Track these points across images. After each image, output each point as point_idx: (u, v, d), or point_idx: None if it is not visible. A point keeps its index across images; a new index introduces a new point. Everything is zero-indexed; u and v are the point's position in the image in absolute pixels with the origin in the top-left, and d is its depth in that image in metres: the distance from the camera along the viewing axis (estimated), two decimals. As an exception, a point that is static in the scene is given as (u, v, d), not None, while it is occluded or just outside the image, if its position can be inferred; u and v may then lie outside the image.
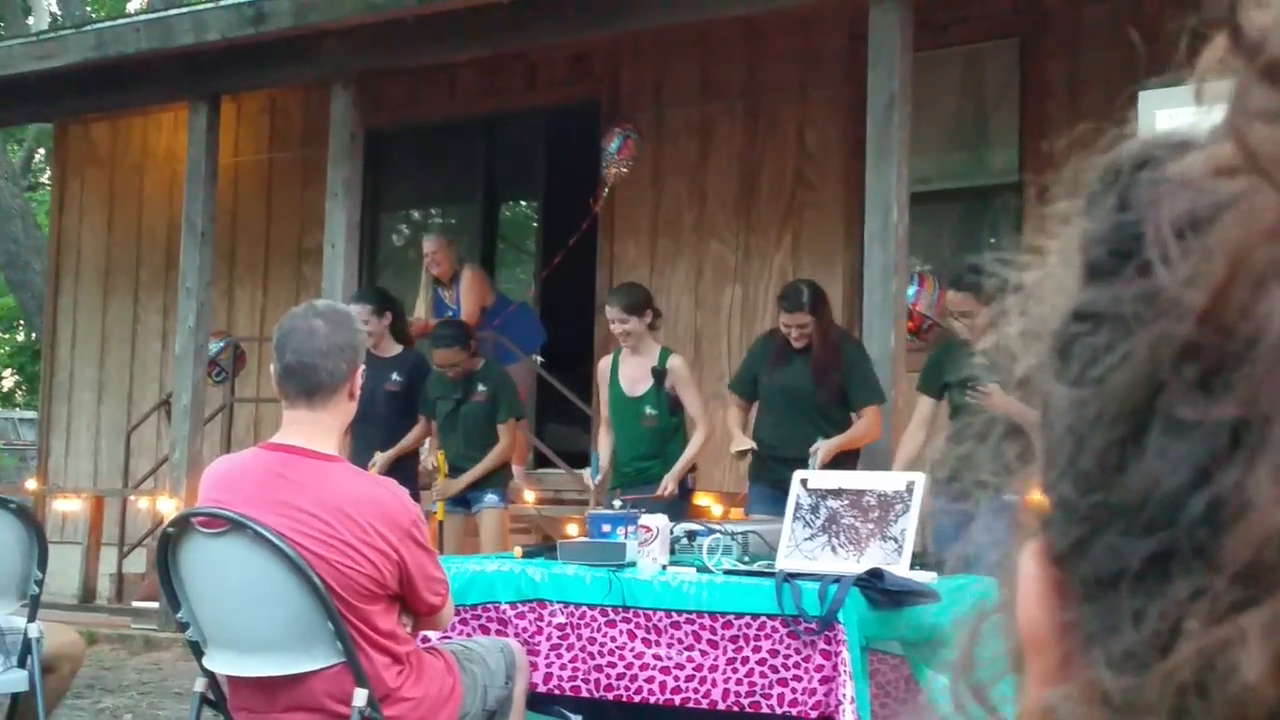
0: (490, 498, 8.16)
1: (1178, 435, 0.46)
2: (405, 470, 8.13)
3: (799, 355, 7.00)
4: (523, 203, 13.02)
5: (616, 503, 6.47)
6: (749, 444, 6.93)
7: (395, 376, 8.34)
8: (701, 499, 8.49)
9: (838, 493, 5.22)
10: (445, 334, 8.15)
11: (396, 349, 8.48)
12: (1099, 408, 0.48)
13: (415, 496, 8.01)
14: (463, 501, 8.17)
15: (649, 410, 7.37)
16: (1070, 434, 0.49)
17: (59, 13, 21.86)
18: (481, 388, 8.13)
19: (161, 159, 12.30)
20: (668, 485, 7.17)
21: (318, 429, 3.77)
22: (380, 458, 8.08)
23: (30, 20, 23.52)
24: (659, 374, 7.28)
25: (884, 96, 7.30)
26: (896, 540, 5.03)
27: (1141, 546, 0.46)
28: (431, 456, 8.56)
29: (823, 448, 6.62)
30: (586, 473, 7.40)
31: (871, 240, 7.31)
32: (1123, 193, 0.51)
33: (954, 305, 6.67)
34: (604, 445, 7.50)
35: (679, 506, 7.09)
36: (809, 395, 6.94)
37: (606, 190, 9.92)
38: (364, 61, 9.18)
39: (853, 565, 4.93)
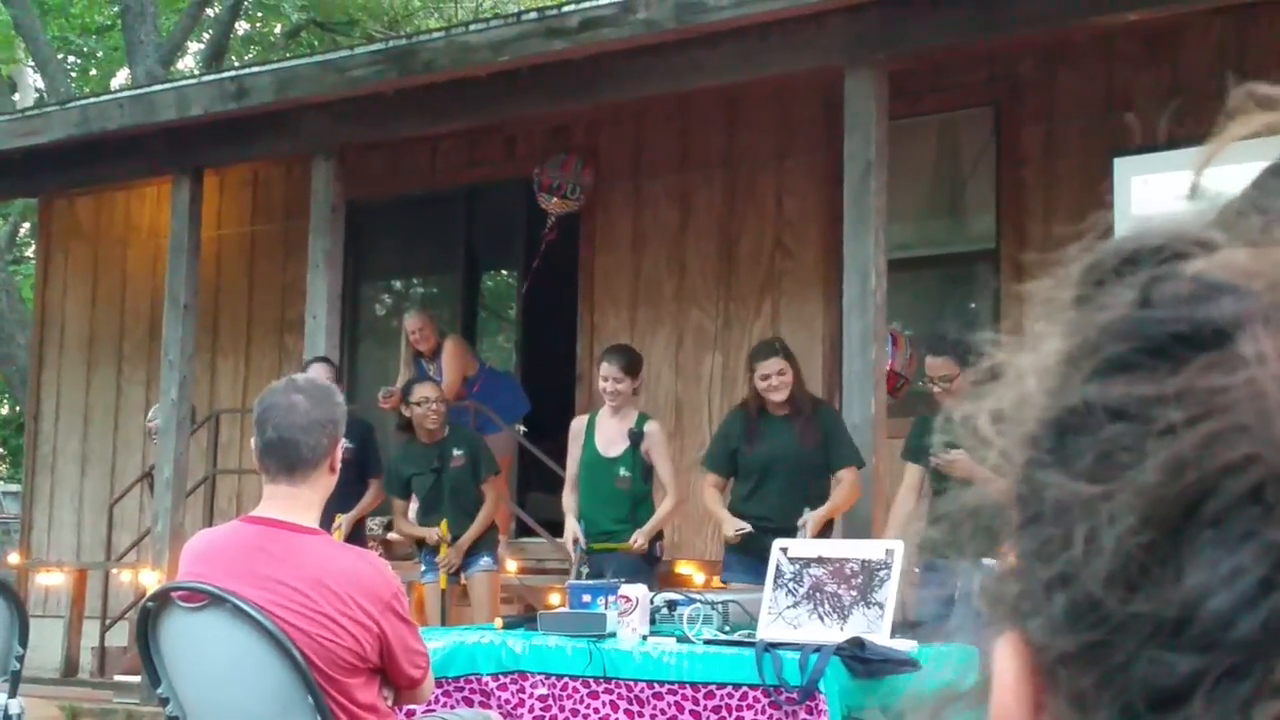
0: (484, 560, 8.14)
1: (1228, 548, 0.44)
2: (358, 535, 8.23)
3: (777, 422, 6.99)
4: (504, 272, 13.06)
5: (584, 569, 6.49)
6: (745, 526, 6.85)
7: (346, 443, 8.35)
8: (683, 567, 8.50)
9: (820, 560, 5.24)
10: (419, 377, 8.31)
11: None
12: (1126, 506, 0.46)
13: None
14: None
15: (623, 472, 7.36)
16: (1088, 530, 0.47)
17: (44, 89, 21.96)
18: (457, 452, 8.15)
19: (145, 233, 12.34)
20: (638, 539, 7.15)
21: (298, 503, 3.79)
22: (343, 520, 8.07)
23: (16, 96, 23.63)
24: (636, 436, 7.30)
25: (860, 164, 7.37)
26: (880, 606, 5.05)
27: (1182, 664, 0.44)
28: (384, 529, 8.63)
29: (811, 519, 6.59)
30: (568, 539, 7.38)
31: (850, 307, 7.36)
32: (1147, 287, 0.49)
33: (932, 370, 6.75)
34: (570, 503, 7.50)
35: (646, 571, 7.07)
36: (795, 459, 6.91)
37: (550, 221, 9.98)
38: (344, 134, 9.25)
39: (835, 633, 4.94)
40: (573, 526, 7.29)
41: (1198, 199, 0.53)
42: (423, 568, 8.21)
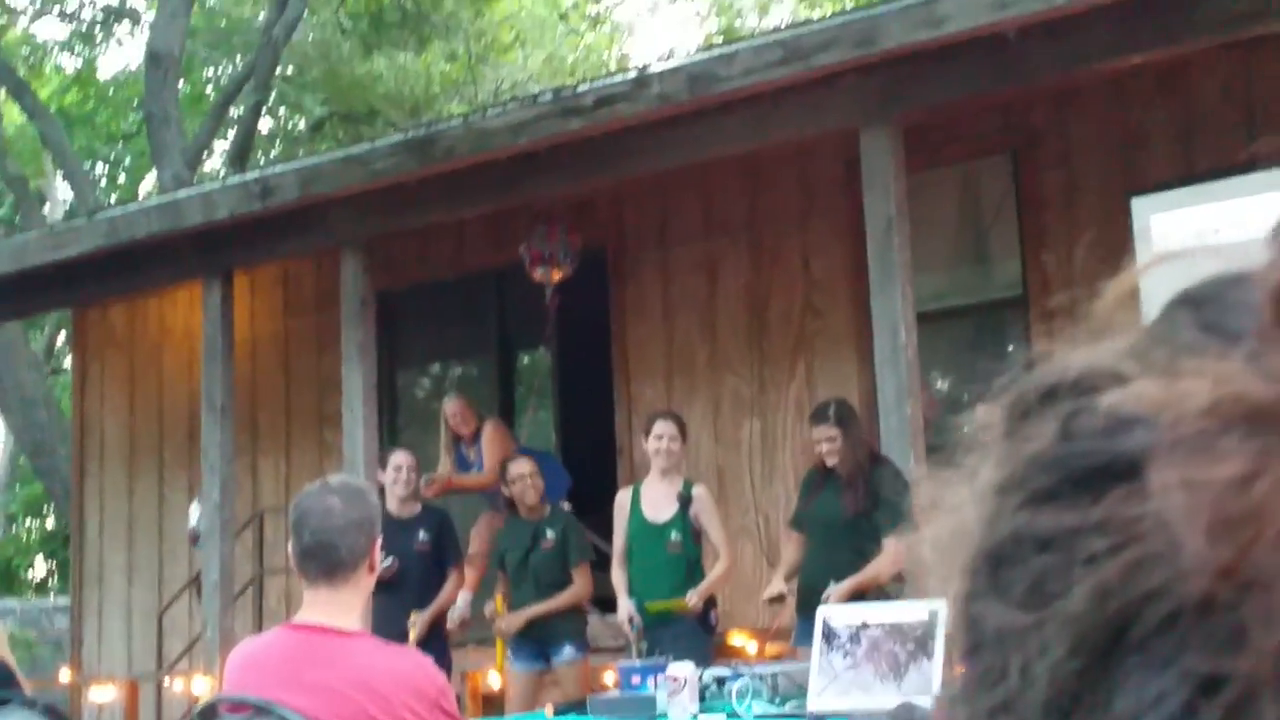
0: (568, 650, 8.01)
1: (1152, 673, 0.45)
2: (436, 631, 8.15)
3: (835, 482, 7.02)
4: (538, 350, 13.12)
5: (643, 644, 6.48)
6: (780, 589, 6.89)
7: (423, 535, 8.37)
8: (736, 637, 8.45)
9: (879, 624, 5.21)
10: (514, 455, 8.67)
11: (418, 507, 8.53)
12: (1055, 635, 0.47)
13: (445, 652, 8.01)
14: (540, 656, 8.08)
15: (674, 536, 7.38)
16: (1021, 658, 0.48)
17: (72, 199, 22.21)
18: (550, 533, 8.10)
19: (179, 336, 12.43)
20: (692, 597, 7.16)
21: (339, 606, 3.79)
22: (419, 618, 8.02)
23: (46, 208, 23.91)
24: (685, 500, 7.31)
25: (882, 220, 7.37)
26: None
27: None
28: (467, 609, 8.58)
29: (834, 594, 6.56)
30: (623, 617, 7.36)
31: (882, 363, 7.34)
32: (1066, 420, 0.50)
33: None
34: (620, 580, 7.49)
35: (703, 640, 7.08)
36: (834, 522, 6.92)
37: (549, 292, 10.01)
38: (371, 226, 9.31)
39: (889, 697, 4.90)
40: (627, 606, 7.29)
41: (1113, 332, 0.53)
42: (511, 655, 8.17)
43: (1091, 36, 6.77)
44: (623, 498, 7.75)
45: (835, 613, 5.28)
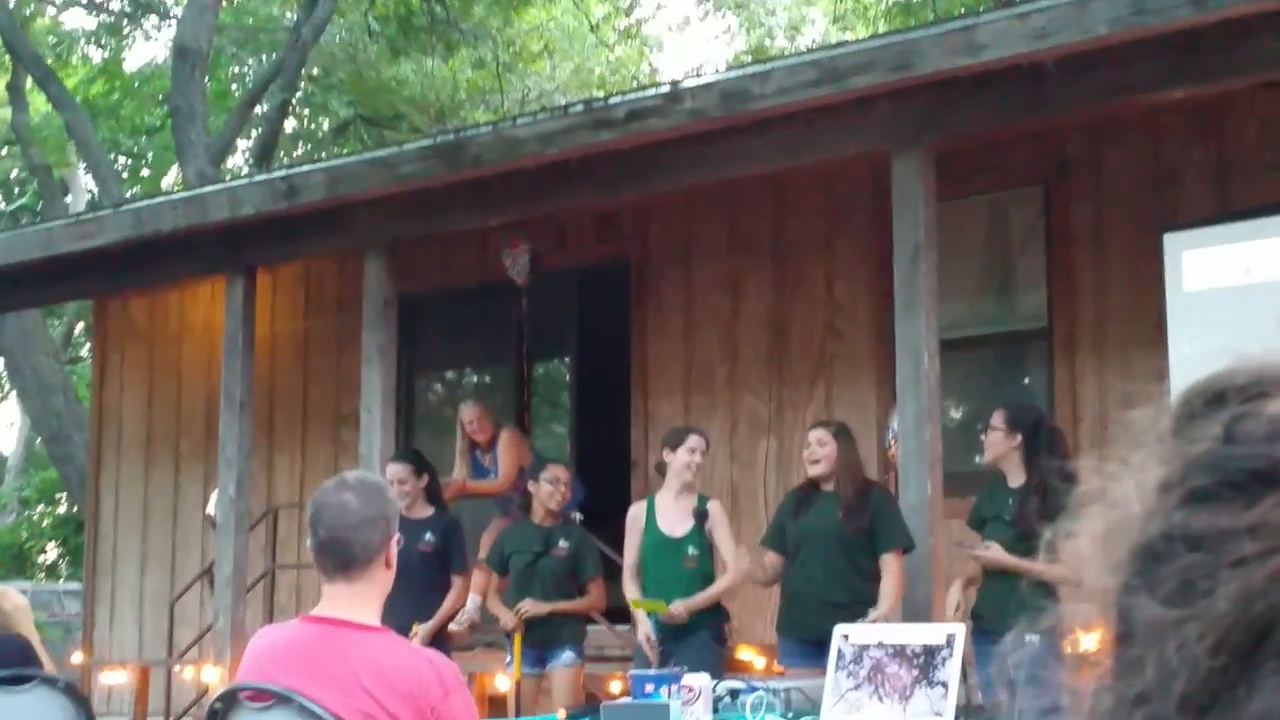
0: (567, 655, 8.00)
1: None
2: (439, 637, 8.13)
3: (825, 499, 7.09)
4: (556, 360, 13.13)
5: (663, 659, 6.49)
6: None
7: (429, 537, 8.35)
8: (744, 652, 8.46)
9: (879, 644, 5.21)
10: (547, 459, 8.68)
11: (429, 510, 8.51)
12: (1199, 633, 0.48)
13: (447, 656, 8.00)
14: (538, 660, 8.08)
15: (691, 550, 7.42)
16: (1165, 653, 0.49)
17: (96, 191, 22.28)
18: (563, 543, 8.08)
19: (199, 331, 12.46)
20: (677, 607, 7.19)
21: (356, 600, 3.80)
22: (422, 630, 7.99)
23: (69, 199, 23.98)
24: (701, 515, 7.32)
25: (909, 246, 7.37)
26: (943, 686, 5.01)
27: None
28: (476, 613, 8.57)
29: (878, 616, 6.63)
30: (641, 638, 7.36)
31: (904, 389, 7.35)
32: (1231, 424, 0.51)
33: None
34: (633, 594, 7.51)
35: (715, 654, 7.13)
36: (834, 535, 6.99)
37: (521, 293, 10.06)
38: (395, 230, 9.32)
39: (898, 717, 4.90)
40: (645, 626, 7.30)
41: None
42: (508, 658, 8.16)
43: (1130, 70, 6.78)
44: (636, 511, 7.77)
45: (856, 632, 5.29)
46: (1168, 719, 0.48)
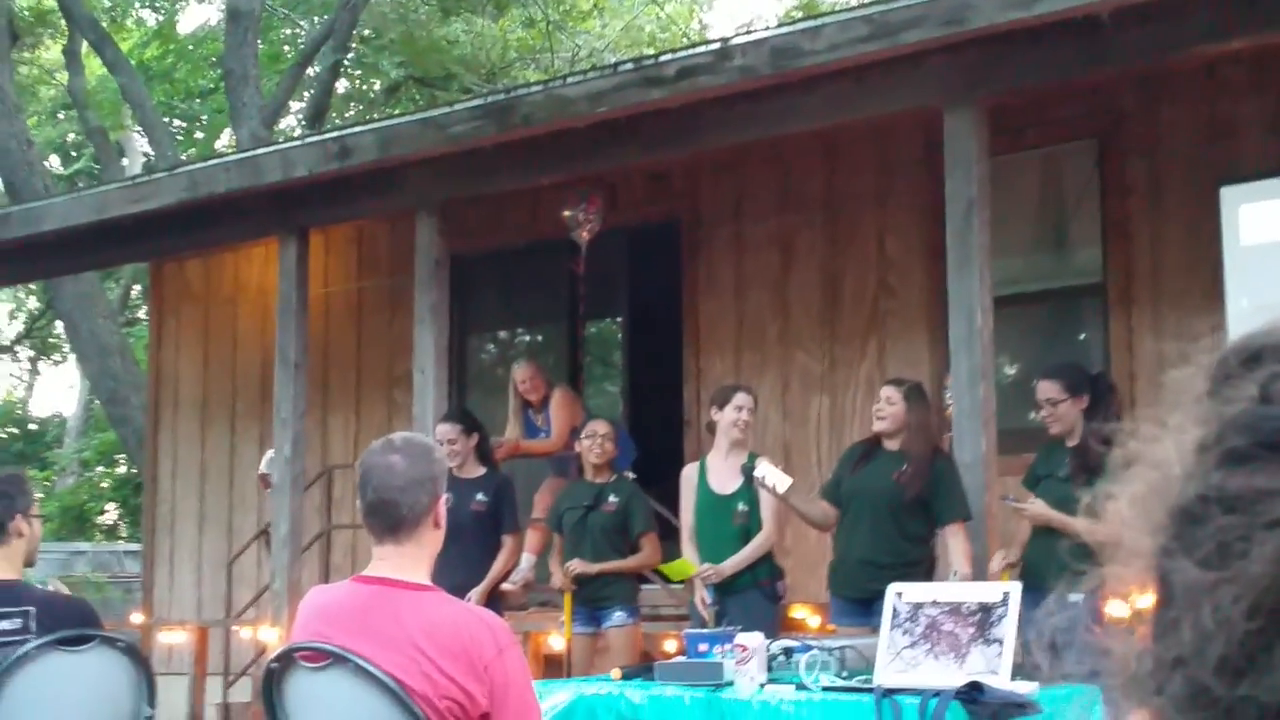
0: (618, 614, 8.02)
1: None
2: (491, 597, 8.15)
3: (885, 457, 7.03)
4: (608, 320, 13.13)
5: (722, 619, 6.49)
6: (787, 480, 6.93)
7: (480, 496, 8.37)
8: (798, 611, 8.46)
9: (934, 602, 5.21)
10: (588, 417, 8.75)
11: (481, 470, 8.52)
12: (1235, 595, 0.48)
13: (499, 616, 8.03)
14: (591, 619, 8.11)
15: (741, 507, 7.40)
16: (1201, 616, 0.49)
17: (152, 154, 22.41)
18: (613, 499, 8.11)
19: (254, 293, 12.54)
20: (706, 568, 7.17)
21: (406, 560, 3.82)
22: (475, 591, 7.96)
23: (124, 161, 24.12)
24: (749, 471, 7.31)
25: (962, 203, 7.33)
26: (999, 644, 5.00)
27: None
28: (530, 572, 8.60)
29: (960, 575, 6.60)
30: (698, 600, 7.36)
31: (957, 345, 7.32)
32: (1267, 384, 0.51)
33: (1041, 392, 6.86)
34: (691, 557, 7.50)
35: (769, 611, 7.13)
36: (885, 495, 6.92)
37: (583, 252, 9.95)
38: (447, 190, 9.33)
39: (953, 674, 4.90)
40: (700, 591, 7.29)
41: None
42: (561, 618, 8.20)
43: (1186, 21, 6.70)
44: (689, 472, 7.76)
45: (909, 590, 5.29)
46: (1205, 683, 0.48)
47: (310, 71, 21.13)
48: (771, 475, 6.88)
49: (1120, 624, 0.56)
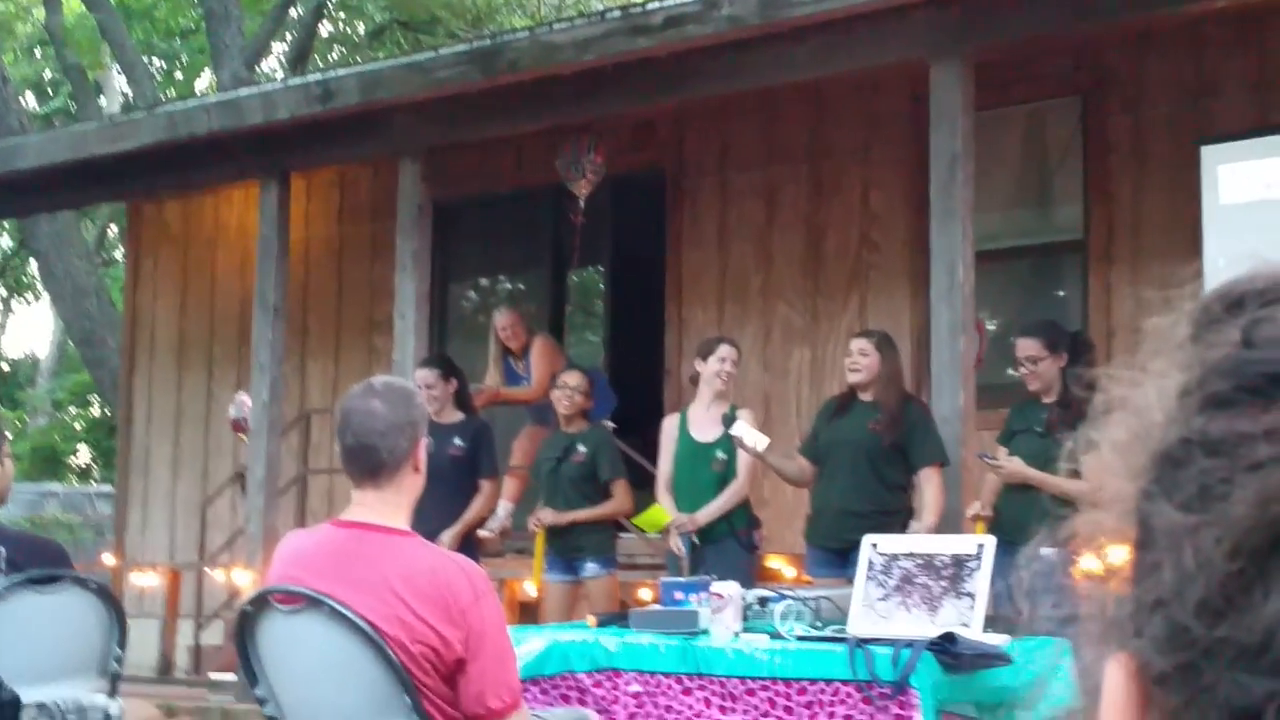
0: (591, 566, 8.03)
1: None
2: (467, 542, 8.17)
3: (860, 408, 7.06)
4: (590, 269, 13.10)
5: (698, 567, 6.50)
6: (764, 440, 6.95)
7: (458, 442, 8.36)
8: (773, 561, 8.49)
9: (909, 554, 5.22)
10: (567, 366, 8.70)
11: (459, 416, 8.51)
12: (1216, 537, 0.48)
13: (475, 562, 8.04)
14: (568, 568, 8.13)
15: (719, 455, 7.42)
16: (1182, 558, 0.49)
17: (130, 93, 22.24)
18: (581, 448, 8.13)
19: (233, 236, 12.47)
20: (680, 516, 7.20)
21: (385, 505, 3.81)
22: (447, 534, 8.00)
23: (102, 100, 23.94)
24: (729, 420, 7.32)
25: (946, 157, 7.32)
26: (971, 597, 5.03)
27: (1258, 686, 0.46)
28: (508, 519, 8.62)
29: (923, 529, 6.63)
30: (676, 541, 7.37)
31: (938, 299, 7.32)
32: (1249, 329, 0.51)
33: (1020, 350, 6.88)
34: (666, 505, 7.53)
35: (745, 560, 7.16)
36: (863, 445, 6.96)
37: (582, 203, 9.88)
38: (430, 135, 9.28)
39: (926, 626, 4.92)
40: (675, 542, 7.30)
41: None
42: (546, 566, 8.21)
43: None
44: (669, 424, 7.78)
45: (885, 541, 5.30)
46: (1184, 624, 0.48)
47: (293, 13, 20.98)
48: (750, 435, 6.90)
49: (1094, 576, 0.56)
